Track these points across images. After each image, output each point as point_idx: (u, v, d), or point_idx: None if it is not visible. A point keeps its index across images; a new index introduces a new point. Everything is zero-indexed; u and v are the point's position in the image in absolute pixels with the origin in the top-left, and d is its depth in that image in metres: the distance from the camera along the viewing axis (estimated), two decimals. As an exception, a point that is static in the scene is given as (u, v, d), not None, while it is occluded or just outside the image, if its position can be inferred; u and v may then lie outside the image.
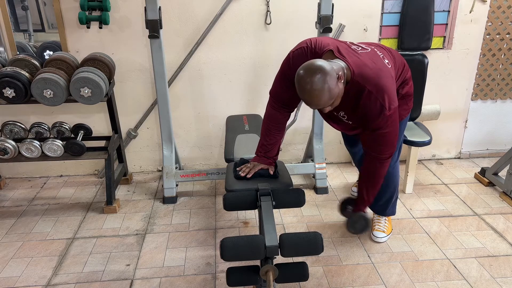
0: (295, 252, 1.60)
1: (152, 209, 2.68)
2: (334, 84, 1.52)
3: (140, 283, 2.03)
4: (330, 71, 1.51)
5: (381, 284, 2.00)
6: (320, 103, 1.54)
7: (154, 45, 2.44)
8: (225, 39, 2.82)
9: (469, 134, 3.28)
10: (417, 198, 2.77)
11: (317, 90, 1.49)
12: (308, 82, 1.50)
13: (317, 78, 1.48)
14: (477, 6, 2.87)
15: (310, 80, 1.49)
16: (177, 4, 2.70)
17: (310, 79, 1.49)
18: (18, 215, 2.63)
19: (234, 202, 1.82)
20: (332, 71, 1.51)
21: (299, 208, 2.63)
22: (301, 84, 1.53)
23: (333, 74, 1.51)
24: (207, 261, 2.18)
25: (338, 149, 3.24)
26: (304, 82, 1.51)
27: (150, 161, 3.16)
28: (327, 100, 1.53)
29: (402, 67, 1.93)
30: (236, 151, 2.26)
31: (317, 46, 1.72)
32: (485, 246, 2.27)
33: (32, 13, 2.70)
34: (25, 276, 2.09)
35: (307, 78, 1.50)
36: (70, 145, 2.47)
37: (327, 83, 1.49)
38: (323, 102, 1.54)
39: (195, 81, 2.92)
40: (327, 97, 1.52)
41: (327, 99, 1.53)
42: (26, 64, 2.39)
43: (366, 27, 2.88)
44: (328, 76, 1.49)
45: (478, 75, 3.08)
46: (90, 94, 2.35)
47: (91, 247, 2.30)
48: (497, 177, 2.83)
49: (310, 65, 1.52)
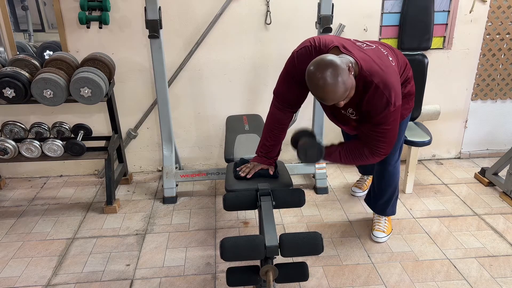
0: (295, 252, 1.60)
1: (152, 209, 2.68)
2: (347, 76, 1.50)
3: (140, 283, 2.03)
4: (341, 64, 1.49)
5: (381, 284, 2.00)
6: (336, 97, 1.52)
7: (154, 45, 2.44)
8: (225, 39, 2.82)
9: (469, 134, 3.28)
10: (417, 198, 2.77)
11: (331, 84, 1.48)
12: (321, 78, 1.48)
13: (329, 72, 1.47)
14: (477, 6, 2.87)
15: (322, 76, 1.47)
16: (177, 4, 2.70)
17: (322, 75, 1.47)
18: (18, 215, 2.63)
19: (234, 202, 1.82)
20: (342, 64, 1.50)
21: (299, 208, 2.63)
22: (314, 81, 1.51)
23: (344, 66, 1.50)
24: (207, 261, 2.18)
25: (338, 149, 3.23)
26: (316, 78, 1.49)
27: (150, 161, 3.16)
28: (342, 94, 1.52)
29: (404, 66, 1.93)
30: (236, 151, 2.26)
31: (321, 44, 1.71)
32: (485, 246, 2.27)
33: (32, 13, 2.70)
34: (25, 276, 2.09)
35: (319, 74, 1.48)
36: (70, 145, 2.47)
37: (340, 76, 1.48)
38: (339, 96, 1.52)
39: (195, 81, 2.92)
40: (342, 90, 1.50)
41: (342, 92, 1.51)
42: (26, 64, 2.39)
43: (366, 27, 2.88)
44: (340, 69, 1.48)
45: (478, 75, 3.08)
46: (90, 94, 2.35)
47: (91, 247, 2.30)
48: (497, 177, 2.83)
49: (320, 61, 1.51)
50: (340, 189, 2.90)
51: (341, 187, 2.92)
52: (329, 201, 2.74)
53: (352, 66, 1.57)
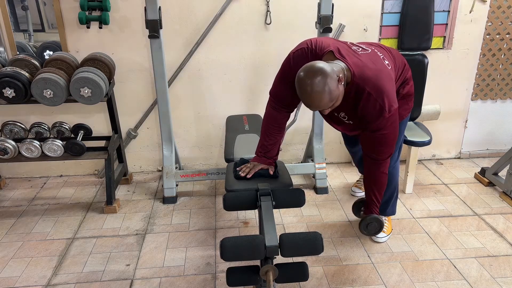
0: (295, 252, 1.60)
1: (152, 209, 2.68)
2: (335, 86, 1.52)
3: (140, 283, 2.03)
4: (331, 73, 1.50)
5: (381, 284, 2.00)
6: (321, 105, 1.55)
7: (154, 45, 2.44)
8: (225, 39, 2.82)
9: (469, 134, 3.28)
10: (417, 198, 2.77)
11: (318, 92, 1.49)
12: (309, 84, 1.50)
13: (317, 81, 1.48)
14: (477, 6, 2.87)
15: (310, 82, 1.49)
16: (177, 4, 2.70)
17: (311, 81, 1.49)
18: (18, 215, 2.63)
19: (234, 202, 1.82)
20: (332, 73, 1.51)
21: (299, 208, 2.63)
22: (302, 86, 1.53)
23: (333, 76, 1.51)
24: (207, 261, 2.18)
25: (338, 149, 3.24)
26: (305, 84, 1.51)
27: (150, 161, 3.16)
28: (327, 102, 1.54)
29: (403, 67, 1.93)
30: (236, 151, 2.26)
31: (317, 47, 1.72)
32: (485, 246, 2.27)
33: (32, 13, 2.70)
34: (25, 276, 2.09)
35: (308, 80, 1.50)
36: (70, 145, 2.47)
37: (328, 85, 1.49)
38: (323, 104, 1.54)
39: (195, 81, 2.92)
40: (327, 99, 1.52)
41: (327, 101, 1.53)
42: (26, 64, 2.39)
43: (366, 27, 2.88)
44: (329, 78, 1.49)
45: (478, 75, 3.08)
46: (90, 94, 2.35)
47: (91, 247, 2.30)
48: (497, 177, 2.83)
49: (310, 67, 1.52)
50: (340, 189, 2.90)
51: (341, 187, 2.92)
52: (329, 201, 2.74)
53: (344, 74, 1.59)
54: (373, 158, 1.83)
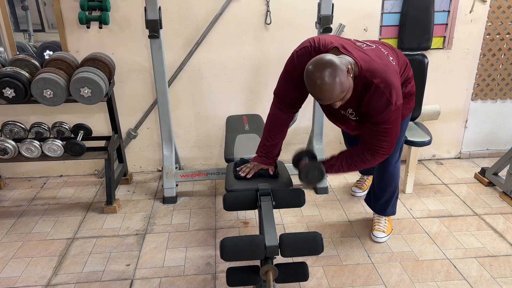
0: (295, 252, 1.60)
1: (152, 209, 2.68)
2: (345, 77, 1.50)
3: (140, 283, 2.03)
4: (340, 64, 1.49)
5: (381, 284, 2.00)
6: (332, 97, 1.53)
7: (154, 45, 2.44)
8: (225, 39, 2.82)
9: (469, 134, 3.28)
10: (417, 198, 2.77)
11: (328, 84, 1.48)
12: (319, 77, 1.48)
13: (328, 72, 1.47)
14: (477, 6, 2.87)
15: (320, 75, 1.48)
16: (177, 4, 2.70)
17: (321, 74, 1.48)
18: (18, 215, 2.63)
19: (234, 202, 1.82)
20: (341, 65, 1.50)
21: (299, 208, 2.63)
22: (312, 80, 1.51)
23: (342, 67, 1.50)
24: (207, 261, 2.18)
25: (338, 149, 3.23)
26: (315, 77, 1.49)
27: (150, 161, 3.16)
28: (338, 94, 1.52)
29: (405, 66, 1.92)
30: (236, 151, 2.26)
31: (321, 44, 1.71)
32: (485, 246, 2.27)
33: (32, 13, 2.70)
34: (25, 276, 2.09)
35: (317, 73, 1.49)
36: (70, 145, 2.47)
37: (338, 77, 1.48)
38: (335, 96, 1.52)
39: (195, 81, 2.92)
40: (338, 91, 1.51)
41: (339, 93, 1.52)
42: (26, 64, 2.39)
43: (366, 27, 2.88)
44: (339, 70, 1.48)
45: (478, 75, 3.08)
46: (90, 94, 2.35)
47: (91, 247, 2.30)
48: (497, 177, 2.83)
49: (319, 60, 1.51)
50: (340, 189, 2.90)
51: (341, 187, 2.92)
52: (329, 201, 2.74)
53: (351, 67, 1.57)
54: (369, 148, 1.77)
